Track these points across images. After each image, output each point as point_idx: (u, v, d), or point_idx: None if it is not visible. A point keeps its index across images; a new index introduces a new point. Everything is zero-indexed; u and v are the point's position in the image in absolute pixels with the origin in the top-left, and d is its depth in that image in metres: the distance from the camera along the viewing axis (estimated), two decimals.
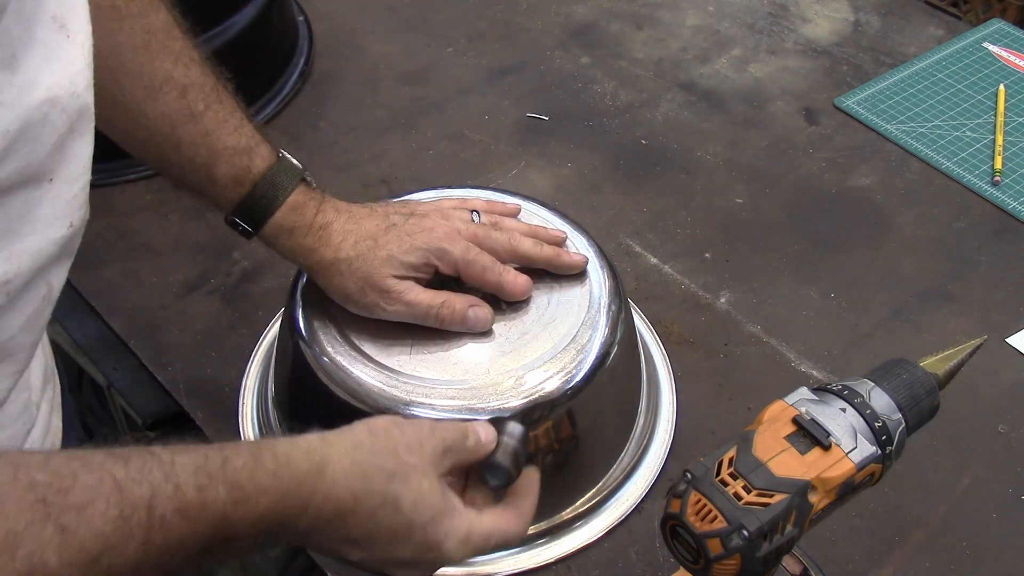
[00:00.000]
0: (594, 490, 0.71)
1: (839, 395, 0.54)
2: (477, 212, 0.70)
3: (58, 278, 0.51)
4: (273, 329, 0.82)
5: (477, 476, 0.56)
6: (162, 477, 0.40)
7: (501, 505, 0.56)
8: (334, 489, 0.47)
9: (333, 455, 0.48)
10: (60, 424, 0.66)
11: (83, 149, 0.48)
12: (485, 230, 0.68)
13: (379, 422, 0.52)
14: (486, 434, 0.56)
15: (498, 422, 0.57)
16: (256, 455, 0.45)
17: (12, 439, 0.56)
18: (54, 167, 0.46)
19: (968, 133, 1.05)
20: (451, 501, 0.52)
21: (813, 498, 0.50)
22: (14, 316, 0.48)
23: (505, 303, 0.69)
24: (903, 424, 0.54)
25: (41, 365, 0.61)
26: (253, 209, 0.66)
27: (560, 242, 0.72)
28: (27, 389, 0.56)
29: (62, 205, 0.48)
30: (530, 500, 0.57)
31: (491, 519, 0.54)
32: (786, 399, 0.54)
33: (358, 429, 0.51)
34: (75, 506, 0.37)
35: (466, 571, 0.68)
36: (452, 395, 0.63)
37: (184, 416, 0.78)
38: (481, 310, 0.67)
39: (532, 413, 0.64)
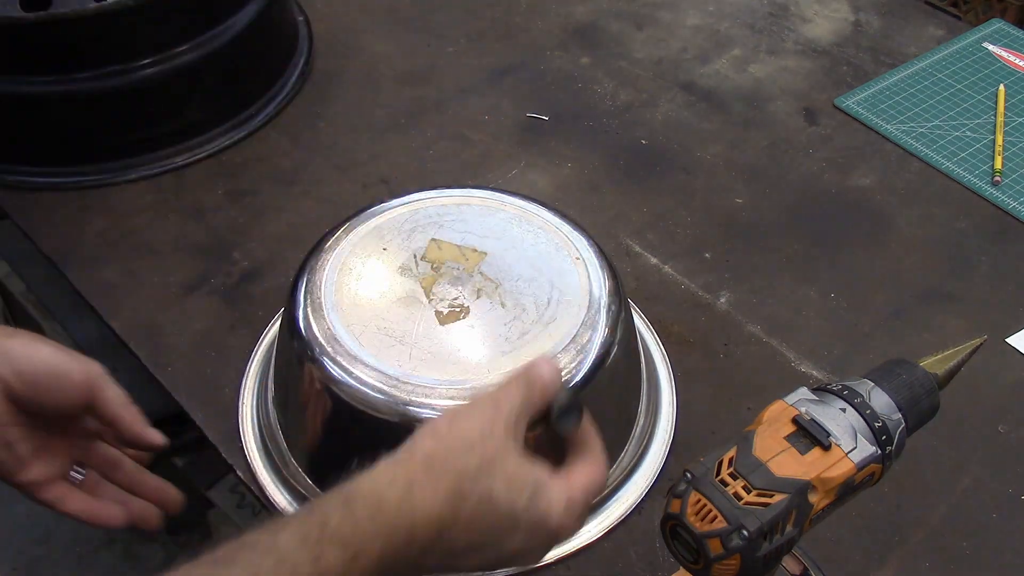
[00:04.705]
0: None
1: (839, 395, 0.54)
2: None
3: None
4: (273, 329, 0.82)
5: (544, 430, 0.53)
6: (274, 564, 0.43)
7: (577, 456, 0.54)
8: (430, 508, 0.47)
9: (414, 476, 0.47)
10: None
11: None
12: None
13: (441, 423, 0.50)
14: (549, 372, 0.52)
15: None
16: (348, 505, 0.46)
17: None
18: None
19: (968, 133, 1.05)
20: (540, 473, 0.50)
21: (813, 498, 0.50)
22: None
23: (506, 300, 0.69)
24: (903, 424, 0.54)
25: None
26: None
27: None
28: None
29: None
30: (595, 438, 0.55)
31: (579, 475, 0.52)
32: (786, 399, 0.54)
33: (425, 439, 0.49)
34: None
35: None
36: (452, 395, 0.63)
37: (184, 416, 0.78)
38: None
39: None
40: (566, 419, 0.53)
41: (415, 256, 0.72)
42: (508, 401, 0.51)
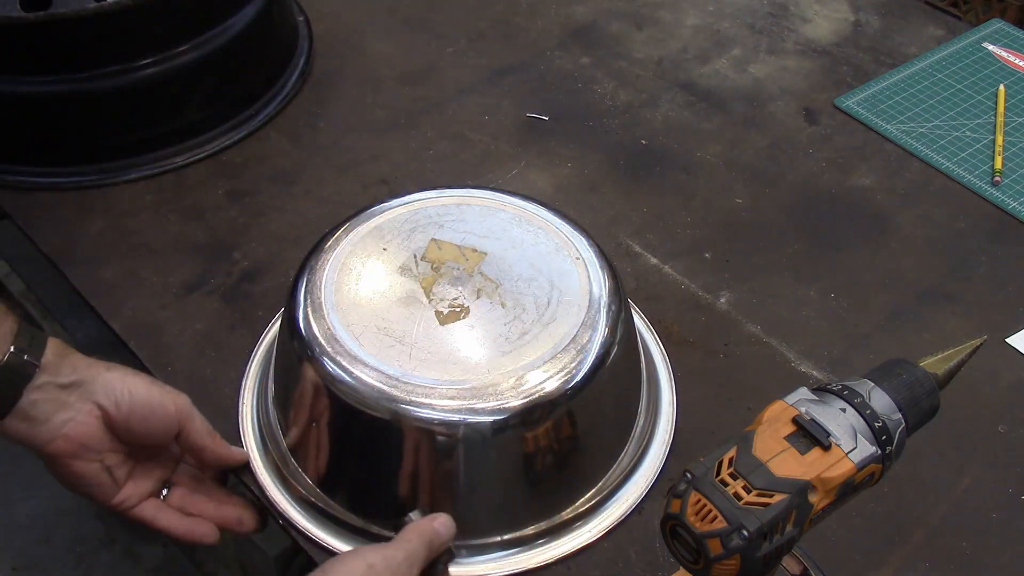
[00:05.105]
0: (594, 490, 0.71)
1: (839, 395, 0.54)
2: None
3: None
4: (273, 329, 0.82)
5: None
6: None
7: None
8: None
9: None
10: None
11: None
12: None
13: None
14: (447, 532, 0.62)
15: (410, 518, 0.63)
16: None
17: None
18: None
19: (968, 133, 1.05)
20: None
21: (813, 498, 0.50)
22: None
23: (506, 300, 0.69)
24: (903, 424, 0.54)
25: None
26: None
27: None
28: None
29: None
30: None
31: None
32: (786, 399, 0.54)
33: None
34: None
35: (465, 572, 0.68)
36: (452, 395, 0.63)
37: None
38: None
39: (532, 413, 0.64)
40: (443, 560, 0.63)
41: (415, 256, 0.72)
42: (418, 565, 0.59)
